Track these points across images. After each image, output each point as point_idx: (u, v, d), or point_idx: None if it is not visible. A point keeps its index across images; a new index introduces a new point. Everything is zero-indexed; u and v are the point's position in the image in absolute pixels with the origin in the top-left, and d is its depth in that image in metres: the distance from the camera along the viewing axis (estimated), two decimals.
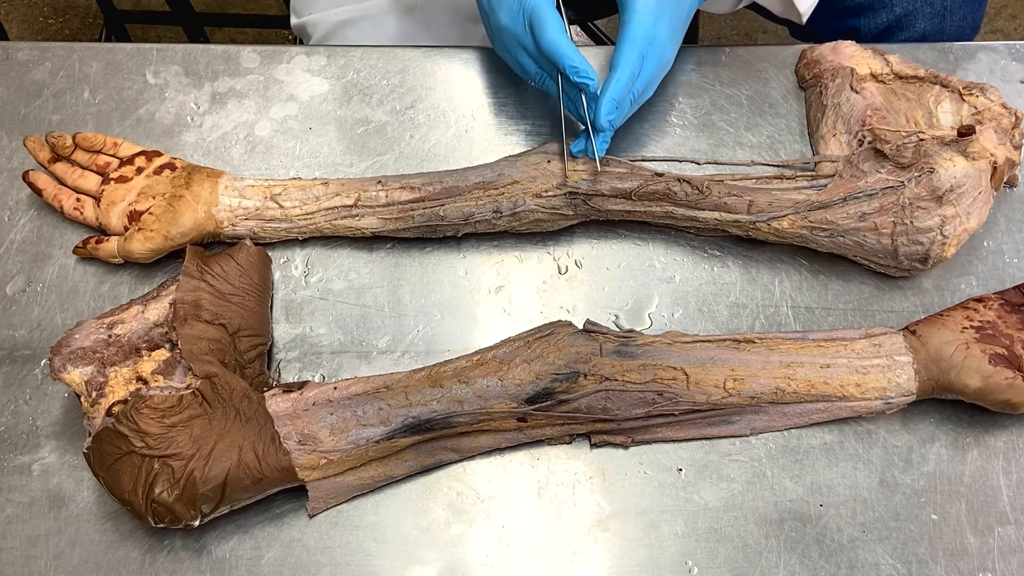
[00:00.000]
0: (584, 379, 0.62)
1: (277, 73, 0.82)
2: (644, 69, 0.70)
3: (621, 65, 0.68)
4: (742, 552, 0.62)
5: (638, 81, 0.70)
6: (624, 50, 0.69)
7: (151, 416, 0.59)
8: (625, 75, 0.68)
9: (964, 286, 0.72)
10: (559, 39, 0.67)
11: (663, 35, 0.70)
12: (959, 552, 0.62)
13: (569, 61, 0.67)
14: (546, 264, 0.73)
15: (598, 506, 0.64)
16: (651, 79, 0.71)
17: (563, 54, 0.67)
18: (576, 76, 0.67)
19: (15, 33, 1.84)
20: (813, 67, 0.79)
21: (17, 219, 0.75)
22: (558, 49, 0.67)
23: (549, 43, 0.67)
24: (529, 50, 0.71)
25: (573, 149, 0.71)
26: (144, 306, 0.65)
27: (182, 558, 0.62)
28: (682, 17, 0.73)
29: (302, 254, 0.73)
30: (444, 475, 0.65)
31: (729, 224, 0.70)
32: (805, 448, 0.66)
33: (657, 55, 0.70)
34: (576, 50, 0.67)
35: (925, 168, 0.65)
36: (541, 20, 0.68)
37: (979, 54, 0.82)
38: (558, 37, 0.67)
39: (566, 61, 0.67)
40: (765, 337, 0.66)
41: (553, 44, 0.67)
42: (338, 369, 0.69)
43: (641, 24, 0.69)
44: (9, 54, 0.83)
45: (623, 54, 0.69)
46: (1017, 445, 0.66)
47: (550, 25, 0.67)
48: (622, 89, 0.68)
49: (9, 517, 0.63)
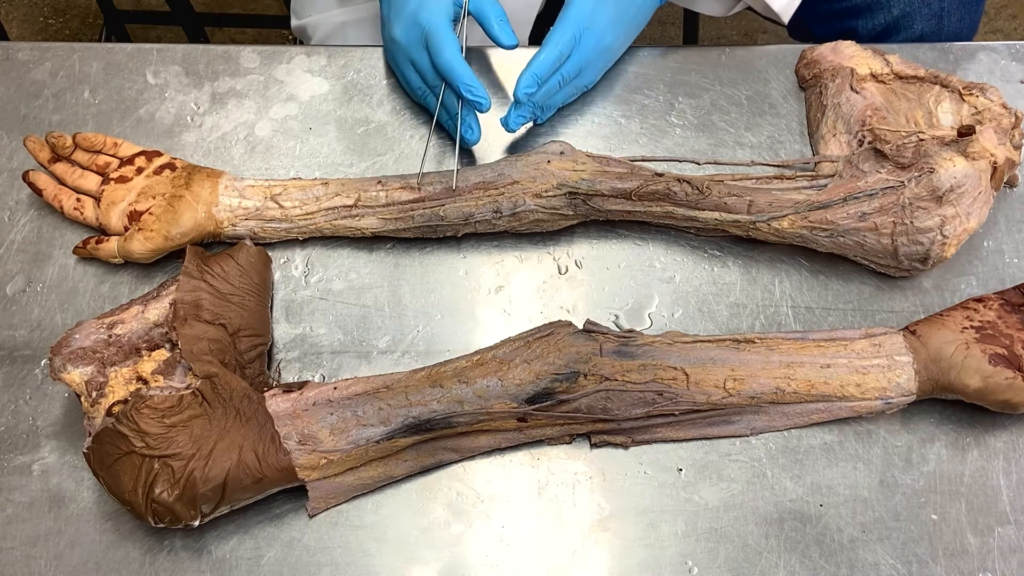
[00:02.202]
0: (584, 379, 0.62)
1: (277, 73, 0.82)
2: (577, 52, 0.72)
3: (550, 44, 0.71)
4: (742, 552, 0.62)
5: (568, 63, 0.72)
6: (557, 30, 0.72)
7: (151, 416, 0.59)
8: (552, 54, 0.71)
9: (964, 286, 0.72)
10: (455, 59, 0.70)
11: (603, 21, 0.72)
12: (959, 552, 0.62)
13: (464, 80, 0.69)
14: (546, 264, 0.73)
15: (598, 506, 0.64)
16: (585, 63, 0.73)
17: (459, 74, 0.69)
18: (471, 95, 0.69)
19: (15, 33, 1.83)
20: (813, 67, 0.79)
21: (17, 219, 0.75)
22: (453, 69, 0.70)
23: (445, 63, 0.70)
24: (419, 66, 0.74)
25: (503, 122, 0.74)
26: (144, 306, 0.65)
27: (182, 558, 0.62)
28: (630, 6, 0.74)
29: (302, 254, 0.74)
30: (444, 475, 0.65)
31: (729, 224, 0.70)
32: (805, 448, 0.66)
33: (594, 40, 0.73)
34: (471, 71, 0.70)
35: (925, 168, 0.65)
36: (438, 40, 0.70)
37: (979, 54, 0.82)
38: (454, 57, 0.70)
39: (462, 80, 0.69)
40: (765, 337, 0.66)
41: (449, 64, 0.70)
42: (338, 369, 0.69)
43: (580, 7, 0.71)
44: (9, 54, 0.83)
45: (554, 33, 0.72)
46: (1017, 445, 0.66)
47: (447, 46, 0.70)
48: (546, 67, 0.71)
49: (9, 517, 0.63)
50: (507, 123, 0.73)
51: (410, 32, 0.72)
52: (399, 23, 0.73)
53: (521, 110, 0.73)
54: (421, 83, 0.75)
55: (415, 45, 0.73)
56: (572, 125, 0.79)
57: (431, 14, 0.71)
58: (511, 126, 0.73)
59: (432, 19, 0.71)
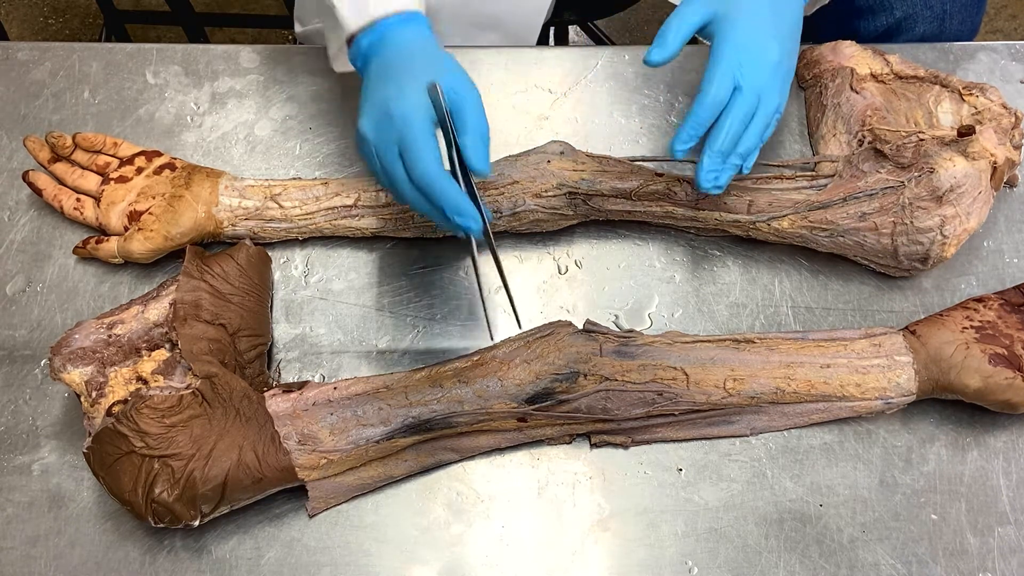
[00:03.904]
0: (584, 379, 0.62)
1: (277, 73, 0.82)
2: (740, 97, 0.64)
3: (702, 95, 0.63)
4: (742, 552, 0.62)
5: (736, 105, 0.63)
6: (710, 77, 0.63)
7: (151, 416, 0.59)
8: (705, 111, 0.63)
9: (964, 286, 0.72)
10: (434, 173, 0.57)
11: (755, 51, 0.65)
12: (959, 552, 0.62)
13: (449, 199, 0.57)
14: (546, 264, 0.73)
15: (598, 506, 0.64)
16: (759, 91, 0.65)
17: (441, 193, 0.57)
18: (457, 218, 0.57)
19: (15, 33, 1.84)
20: (813, 67, 0.79)
21: (17, 219, 0.75)
22: (433, 185, 0.57)
23: (422, 176, 0.58)
24: (391, 174, 0.60)
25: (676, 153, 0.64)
26: (144, 306, 0.65)
27: (182, 558, 0.62)
28: (784, 16, 0.66)
29: (302, 254, 0.73)
30: (444, 475, 0.65)
31: (729, 224, 0.70)
32: (805, 448, 0.66)
33: (753, 73, 0.64)
34: (456, 186, 0.58)
35: (925, 168, 0.65)
36: (414, 145, 0.57)
37: (979, 54, 0.82)
38: (433, 170, 0.57)
39: (445, 200, 0.57)
40: (765, 337, 0.66)
41: (427, 178, 0.57)
42: (338, 369, 0.69)
43: (729, 51, 0.63)
44: (9, 54, 0.83)
45: (708, 82, 0.63)
46: (1017, 445, 0.66)
47: (424, 153, 0.57)
48: (700, 120, 0.63)
49: (9, 517, 0.63)
50: (699, 183, 0.65)
51: (381, 129, 0.59)
52: (369, 113, 0.60)
53: (712, 165, 0.64)
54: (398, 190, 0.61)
55: (385, 146, 0.59)
56: (572, 125, 0.79)
57: (405, 108, 0.58)
58: (703, 184, 0.65)
59: (407, 114, 0.58)
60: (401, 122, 0.58)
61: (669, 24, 0.66)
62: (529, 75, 0.81)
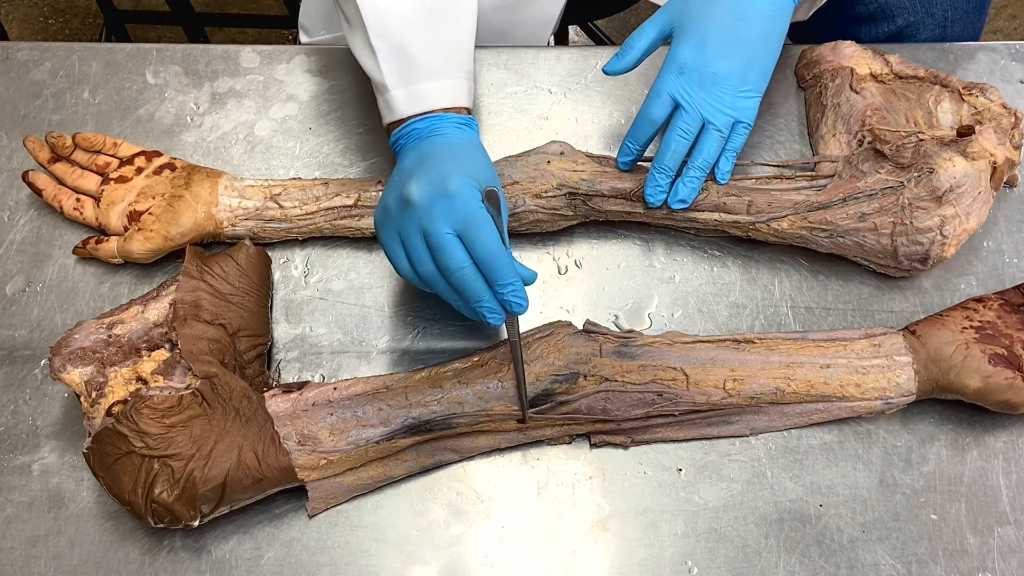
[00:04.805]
0: (584, 380, 0.62)
1: (277, 73, 0.82)
2: (683, 113, 0.66)
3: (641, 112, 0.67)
4: (742, 552, 0.62)
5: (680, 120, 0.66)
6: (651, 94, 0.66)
7: (151, 416, 0.59)
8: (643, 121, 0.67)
9: (964, 286, 0.72)
10: (499, 250, 0.57)
11: (700, 59, 0.67)
12: (959, 552, 0.62)
13: (507, 279, 0.57)
14: (546, 264, 0.73)
15: (598, 506, 0.64)
16: (705, 106, 0.67)
17: (502, 271, 0.57)
18: (512, 296, 0.57)
19: (15, 33, 1.84)
20: (813, 67, 0.79)
21: (17, 219, 0.75)
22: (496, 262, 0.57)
23: (488, 253, 0.57)
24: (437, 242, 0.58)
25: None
26: (144, 306, 0.65)
27: (182, 558, 0.62)
28: (739, 25, 0.66)
29: (302, 254, 0.73)
30: (444, 475, 0.65)
31: (729, 224, 0.70)
32: (805, 448, 0.66)
33: (697, 85, 0.66)
34: (515, 265, 0.58)
35: (925, 168, 0.65)
36: (478, 222, 0.57)
37: (979, 54, 0.82)
38: (498, 247, 0.57)
39: (504, 279, 0.57)
40: (765, 337, 0.66)
41: (492, 255, 0.57)
42: (338, 369, 0.69)
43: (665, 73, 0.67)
44: (9, 54, 0.83)
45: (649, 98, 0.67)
46: (1017, 445, 0.66)
47: (487, 231, 0.57)
48: (641, 132, 0.68)
49: (9, 517, 0.63)
50: (646, 198, 0.68)
51: (434, 198, 0.57)
52: (421, 180, 0.58)
53: (657, 180, 0.67)
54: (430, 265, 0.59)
55: (438, 221, 0.57)
56: (572, 125, 0.79)
57: (466, 191, 0.57)
58: (650, 200, 0.68)
59: (465, 194, 0.57)
60: (462, 201, 0.57)
61: (632, 35, 0.69)
62: (529, 75, 0.81)
